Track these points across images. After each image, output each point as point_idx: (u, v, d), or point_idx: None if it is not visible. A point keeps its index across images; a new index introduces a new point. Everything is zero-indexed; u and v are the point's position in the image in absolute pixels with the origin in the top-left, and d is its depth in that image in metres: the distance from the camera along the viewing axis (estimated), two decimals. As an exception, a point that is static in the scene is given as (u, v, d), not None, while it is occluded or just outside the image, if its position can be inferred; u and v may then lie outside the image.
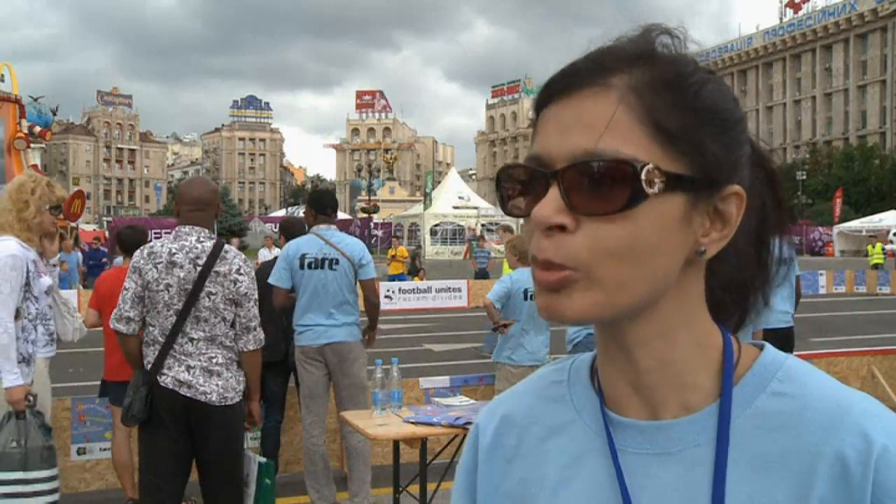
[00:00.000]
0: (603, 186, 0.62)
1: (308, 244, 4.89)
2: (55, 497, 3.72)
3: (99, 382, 5.22)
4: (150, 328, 3.46)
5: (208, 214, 3.56)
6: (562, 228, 0.63)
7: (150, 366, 3.43)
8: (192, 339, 3.41)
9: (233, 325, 3.49)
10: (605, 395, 0.72)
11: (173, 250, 3.44)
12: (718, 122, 0.65)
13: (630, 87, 0.64)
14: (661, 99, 0.64)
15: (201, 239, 3.48)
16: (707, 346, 0.69)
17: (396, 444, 4.18)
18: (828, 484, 0.62)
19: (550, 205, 0.63)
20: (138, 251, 3.54)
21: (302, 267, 4.82)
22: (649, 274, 0.64)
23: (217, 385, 3.42)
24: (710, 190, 0.65)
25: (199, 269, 3.42)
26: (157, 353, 3.42)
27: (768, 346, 0.71)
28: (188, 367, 3.39)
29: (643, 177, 0.61)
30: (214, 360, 3.43)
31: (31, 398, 3.65)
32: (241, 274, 3.49)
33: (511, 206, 0.68)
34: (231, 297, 3.46)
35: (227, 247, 3.53)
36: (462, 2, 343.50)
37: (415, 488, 4.16)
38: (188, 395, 3.38)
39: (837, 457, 0.62)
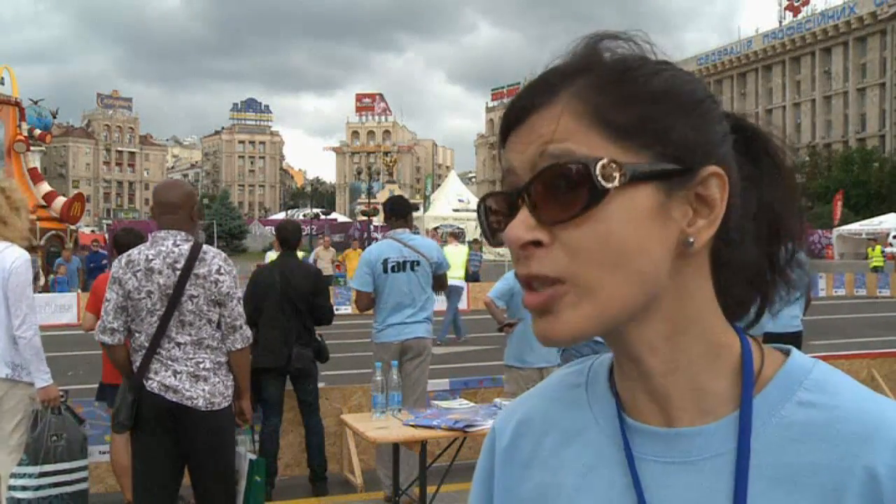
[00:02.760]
0: (563, 191, 0.61)
1: (388, 248, 5.18)
2: (87, 483, 4.20)
3: (97, 385, 5.22)
4: (137, 335, 3.44)
5: (181, 217, 3.51)
6: (538, 244, 0.62)
7: (136, 371, 3.41)
8: (178, 344, 3.39)
9: (219, 326, 3.47)
10: (623, 401, 0.71)
11: (150, 256, 3.41)
12: (677, 105, 0.64)
13: (573, 94, 0.63)
14: (607, 97, 0.63)
15: (178, 242, 3.44)
16: (722, 347, 0.66)
17: (396, 446, 4.17)
18: (857, 501, 0.59)
19: (521, 224, 0.62)
20: (117, 260, 3.50)
21: (385, 271, 5.11)
22: (635, 274, 0.61)
23: (203, 390, 3.39)
24: (683, 176, 0.62)
25: (178, 273, 3.38)
26: (142, 358, 3.40)
27: (795, 352, 0.68)
28: (175, 372, 3.37)
29: (597, 172, 0.60)
30: (202, 365, 3.41)
31: (64, 394, 4.02)
32: (221, 274, 3.45)
33: (498, 238, 0.67)
34: (213, 297, 3.42)
35: (205, 248, 3.50)
36: (465, 4, 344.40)
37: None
38: (174, 399, 3.35)
39: (869, 473, 0.59)
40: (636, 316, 0.64)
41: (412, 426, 3.96)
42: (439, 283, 5.34)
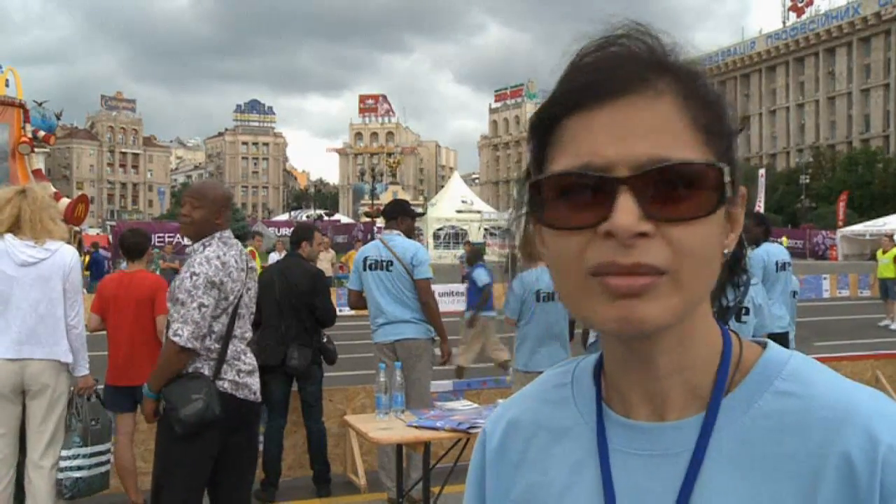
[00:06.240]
0: (686, 191, 0.61)
1: (372, 248, 5.47)
2: (110, 465, 4.54)
3: (101, 387, 5.22)
4: (205, 338, 3.36)
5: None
6: (642, 235, 0.62)
7: (210, 371, 3.33)
8: (234, 338, 3.45)
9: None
10: (613, 397, 0.72)
11: (242, 256, 3.52)
12: (734, 129, 0.68)
13: (683, 96, 0.64)
14: (708, 110, 0.65)
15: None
16: (712, 346, 0.69)
17: (400, 447, 4.17)
18: (834, 486, 0.61)
19: (629, 213, 0.61)
20: (206, 264, 3.33)
21: (365, 269, 5.34)
22: (712, 276, 0.65)
23: (256, 382, 3.50)
24: (734, 193, 0.66)
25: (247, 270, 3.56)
26: (216, 357, 3.35)
27: (772, 344, 0.71)
28: (239, 371, 3.41)
29: (727, 178, 0.63)
30: (250, 359, 3.51)
31: (95, 381, 4.38)
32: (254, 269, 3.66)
33: (556, 218, 0.64)
34: (255, 291, 3.61)
35: None
36: (473, 4, 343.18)
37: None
38: (242, 396, 3.40)
39: (844, 458, 0.61)
40: None
41: (415, 427, 3.95)
42: (418, 291, 5.29)
